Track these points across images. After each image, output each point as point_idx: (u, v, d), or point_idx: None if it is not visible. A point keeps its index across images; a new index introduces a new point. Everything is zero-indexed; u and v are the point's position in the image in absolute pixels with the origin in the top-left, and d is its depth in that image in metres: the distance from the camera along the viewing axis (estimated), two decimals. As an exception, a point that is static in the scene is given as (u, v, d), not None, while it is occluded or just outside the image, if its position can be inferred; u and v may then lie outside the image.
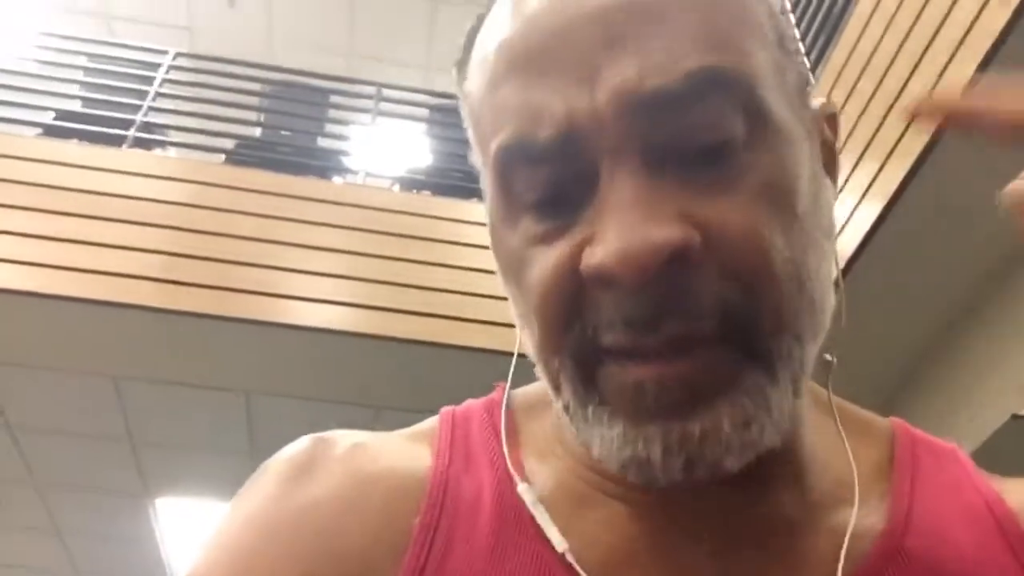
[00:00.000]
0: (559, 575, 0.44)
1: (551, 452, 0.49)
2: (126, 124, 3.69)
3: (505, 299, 0.50)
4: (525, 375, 0.54)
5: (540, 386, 0.52)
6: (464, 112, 0.48)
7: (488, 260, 0.47)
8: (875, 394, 3.05)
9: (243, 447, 3.60)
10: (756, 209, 0.39)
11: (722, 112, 0.39)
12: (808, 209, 0.41)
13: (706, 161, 0.39)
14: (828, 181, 0.46)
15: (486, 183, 0.46)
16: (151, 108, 3.86)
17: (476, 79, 0.45)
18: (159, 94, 3.95)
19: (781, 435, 0.40)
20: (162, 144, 3.91)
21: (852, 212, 2.63)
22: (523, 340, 0.46)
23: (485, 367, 3.01)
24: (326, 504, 0.48)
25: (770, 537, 0.45)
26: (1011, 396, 2.63)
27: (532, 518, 0.46)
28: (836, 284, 0.45)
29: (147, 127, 3.79)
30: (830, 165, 0.47)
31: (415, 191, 3.89)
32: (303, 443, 0.53)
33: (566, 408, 0.43)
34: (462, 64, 0.48)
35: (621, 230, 0.37)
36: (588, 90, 0.39)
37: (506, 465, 0.48)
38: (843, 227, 2.67)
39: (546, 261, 0.41)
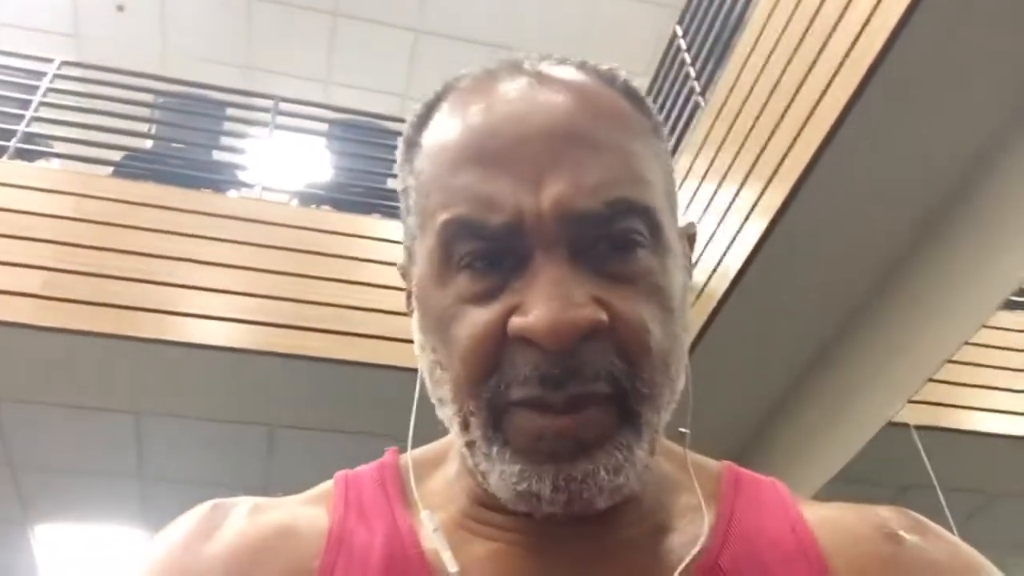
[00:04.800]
0: None
1: (438, 507, 0.56)
2: (7, 135, 3.53)
3: (404, 315, 0.54)
4: (418, 421, 0.57)
5: (428, 449, 0.61)
6: (408, 182, 0.57)
7: (387, 276, 0.50)
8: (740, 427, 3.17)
9: (131, 470, 3.47)
10: (646, 304, 0.51)
11: (632, 227, 0.51)
12: (678, 308, 0.53)
13: (615, 259, 0.51)
14: (689, 283, 0.58)
15: (421, 244, 0.55)
16: (34, 118, 3.70)
17: (430, 160, 0.55)
18: (43, 103, 3.79)
19: (638, 483, 0.51)
20: (46, 155, 3.75)
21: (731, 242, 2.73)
22: (433, 381, 0.54)
23: (383, 382, 2.99)
24: (233, 554, 0.53)
25: (617, 559, 0.54)
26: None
27: (419, 560, 0.53)
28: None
29: (30, 138, 3.63)
30: (688, 270, 0.59)
31: (313, 206, 3.85)
32: (204, 507, 0.58)
33: (470, 444, 0.51)
34: (412, 140, 0.58)
35: (550, 304, 0.48)
36: (534, 194, 0.50)
37: (394, 517, 0.55)
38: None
39: (477, 318, 0.50)
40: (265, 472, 3.54)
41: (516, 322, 0.49)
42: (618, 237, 0.51)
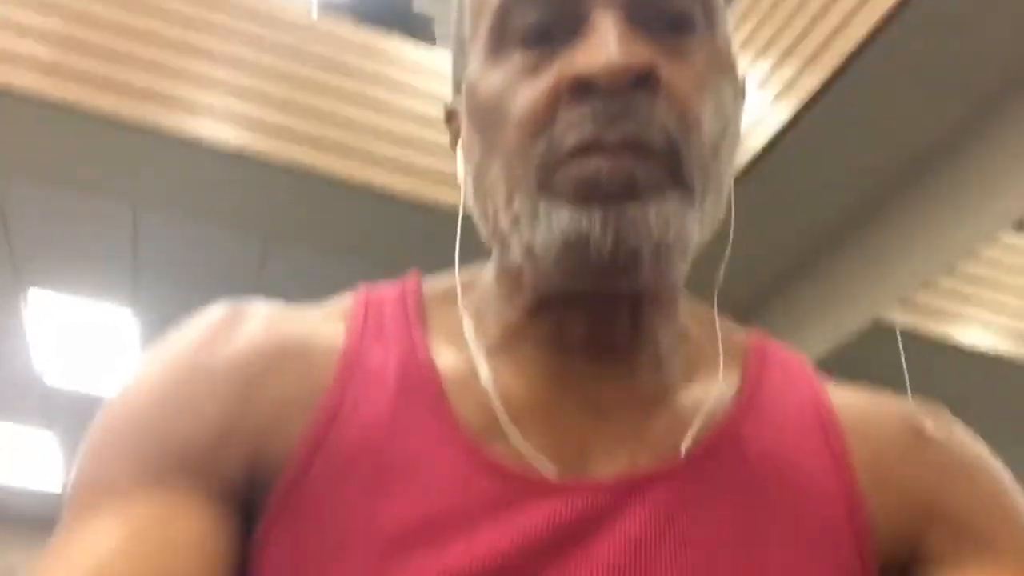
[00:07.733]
0: (454, 433, 0.51)
1: (457, 339, 0.55)
2: None
3: (415, 146, 0.51)
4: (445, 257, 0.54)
5: (451, 279, 0.59)
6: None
7: (401, 103, 0.47)
8: (758, 285, 3.19)
9: (125, 256, 3.51)
10: (698, 80, 0.50)
11: (690, 5, 0.50)
12: (728, 108, 0.52)
13: (670, 31, 0.50)
14: (741, 113, 0.55)
15: (473, 44, 0.54)
16: None
17: None
18: None
19: (684, 264, 0.50)
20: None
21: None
22: (477, 182, 0.52)
23: (383, 209, 2.98)
24: (250, 357, 0.52)
25: (629, 409, 0.53)
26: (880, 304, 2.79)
27: (432, 383, 0.53)
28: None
29: None
30: (741, 101, 0.56)
31: (335, 16, 3.71)
32: (222, 307, 0.56)
33: (515, 220, 0.49)
34: None
35: (606, 46, 0.47)
36: None
37: (412, 338, 0.55)
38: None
39: (535, 84, 0.49)
40: (256, 280, 3.57)
41: (569, 66, 0.48)
42: (675, 14, 0.50)
